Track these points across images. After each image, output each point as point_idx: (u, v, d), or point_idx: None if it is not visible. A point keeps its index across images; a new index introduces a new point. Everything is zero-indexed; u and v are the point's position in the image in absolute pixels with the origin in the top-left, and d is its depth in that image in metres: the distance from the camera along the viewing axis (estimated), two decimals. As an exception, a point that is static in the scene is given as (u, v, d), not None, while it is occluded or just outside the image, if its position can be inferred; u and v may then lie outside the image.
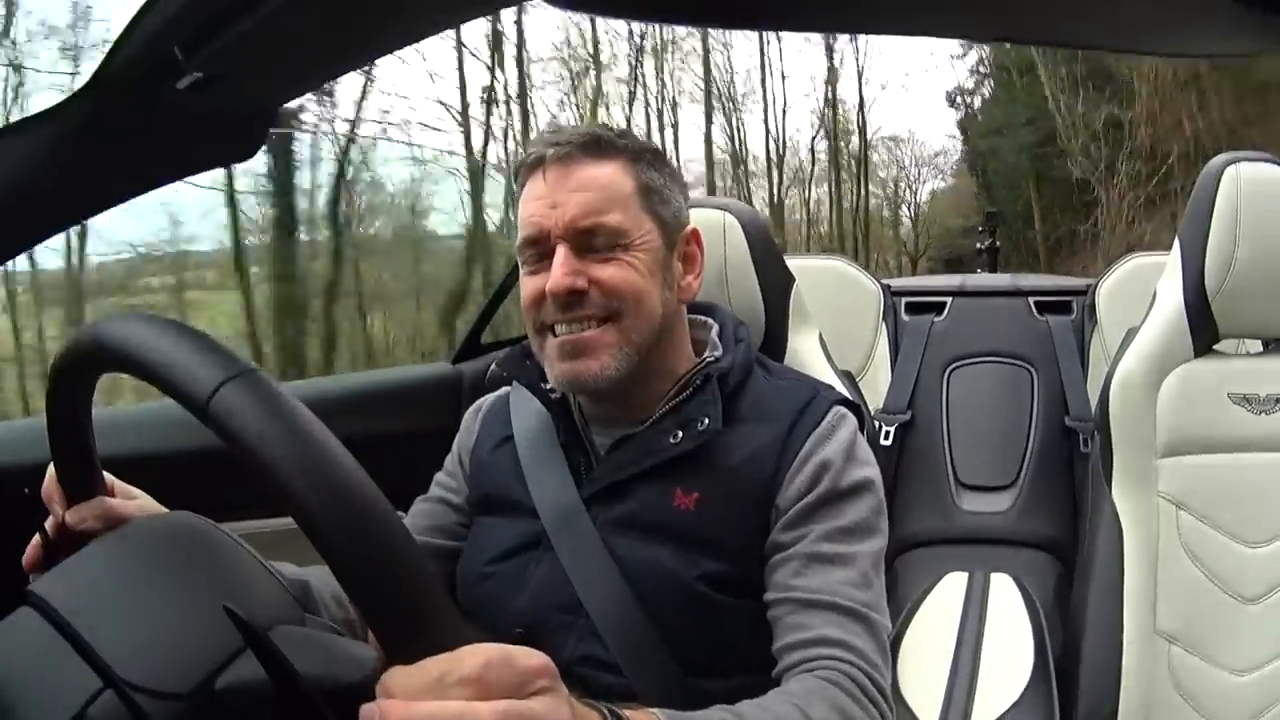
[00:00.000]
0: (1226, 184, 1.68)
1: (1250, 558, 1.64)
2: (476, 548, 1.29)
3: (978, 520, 2.56)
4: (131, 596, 0.76)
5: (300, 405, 0.65)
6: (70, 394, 0.84)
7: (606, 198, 1.20)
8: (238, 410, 0.63)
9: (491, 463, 1.33)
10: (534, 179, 1.23)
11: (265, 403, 0.64)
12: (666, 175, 1.27)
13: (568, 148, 1.21)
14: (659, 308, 1.22)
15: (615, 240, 1.19)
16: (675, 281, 1.26)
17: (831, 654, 1.08)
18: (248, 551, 0.84)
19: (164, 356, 0.68)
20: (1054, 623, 1.88)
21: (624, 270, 1.19)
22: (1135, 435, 1.70)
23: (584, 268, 1.18)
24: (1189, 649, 1.64)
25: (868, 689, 1.07)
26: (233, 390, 0.64)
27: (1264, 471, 1.66)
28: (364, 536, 0.61)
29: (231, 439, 0.63)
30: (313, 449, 0.63)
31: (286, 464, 0.62)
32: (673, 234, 1.26)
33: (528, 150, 1.26)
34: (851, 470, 1.20)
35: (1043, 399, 2.71)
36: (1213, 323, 1.70)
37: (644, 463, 1.20)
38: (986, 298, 2.97)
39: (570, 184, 1.20)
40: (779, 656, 1.12)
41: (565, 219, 1.18)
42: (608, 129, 1.25)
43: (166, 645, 0.72)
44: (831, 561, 1.14)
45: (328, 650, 0.75)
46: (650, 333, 1.21)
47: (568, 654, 1.14)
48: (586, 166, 1.21)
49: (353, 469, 0.63)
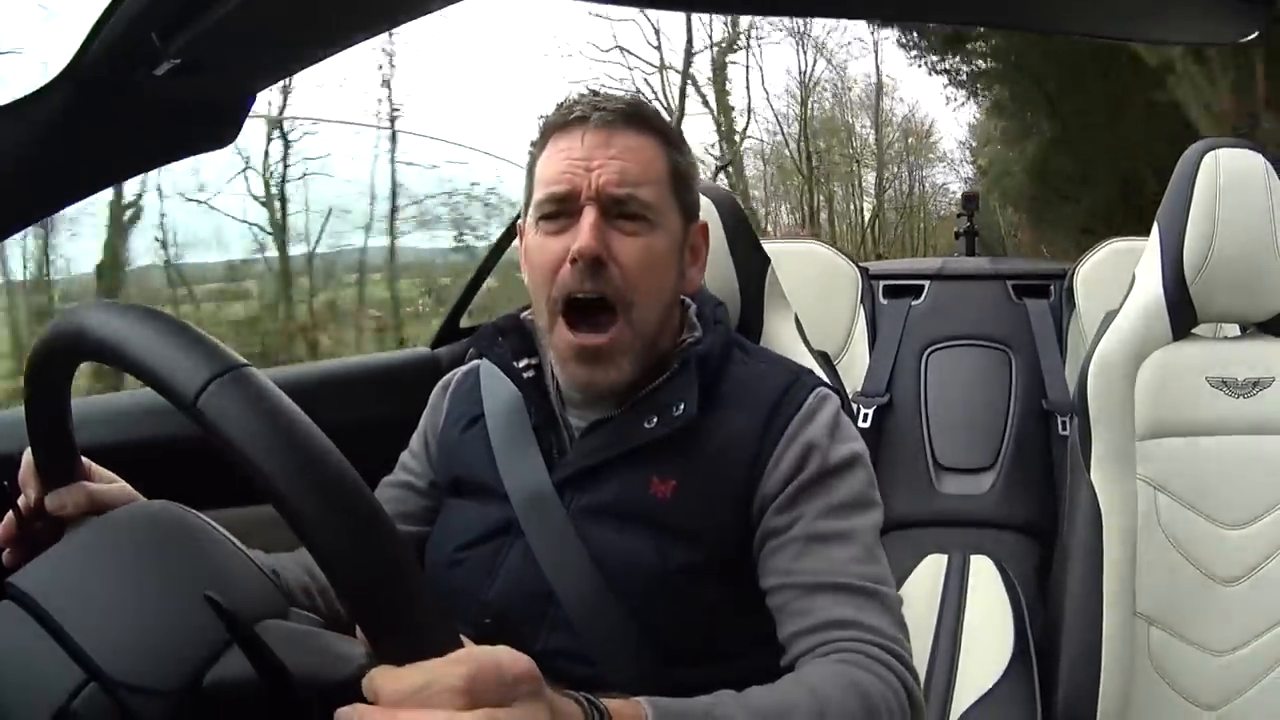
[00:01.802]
0: (1205, 170, 1.68)
1: (1229, 540, 1.66)
2: (446, 531, 1.26)
3: (957, 503, 2.58)
4: (114, 589, 0.75)
5: (290, 404, 0.64)
6: (50, 382, 0.83)
7: (644, 170, 1.17)
8: (227, 410, 0.62)
9: (462, 443, 1.29)
10: (568, 136, 1.18)
11: (254, 402, 0.63)
12: (691, 164, 1.25)
13: (613, 115, 1.17)
14: (668, 297, 1.20)
15: (644, 214, 1.16)
16: (683, 271, 1.24)
17: (844, 635, 1.05)
18: (230, 541, 0.83)
19: (151, 350, 0.67)
20: (1034, 605, 1.90)
21: (646, 251, 1.16)
22: (1114, 418, 1.71)
23: (610, 237, 1.15)
24: (1168, 630, 1.66)
25: (889, 662, 1.03)
26: (221, 388, 0.63)
27: (1242, 454, 1.68)
28: (356, 539, 0.61)
29: (220, 438, 0.62)
30: (304, 450, 0.62)
31: (278, 466, 0.61)
32: (689, 223, 1.24)
33: (562, 108, 1.21)
34: (838, 447, 1.17)
35: (1021, 382, 2.73)
36: (1191, 307, 1.71)
37: (618, 448, 1.17)
38: (965, 281, 2.98)
39: (610, 149, 1.16)
40: (787, 645, 1.09)
41: (600, 181, 1.14)
42: (648, 105, 1.23)
43: (153, 640, 0.71)
44: (830, 540, 1.11)
45: (316, 646, 0.74)
46: (656, 323, 1.18)
47: (539, 645, 1.11)
48: (628, 135, 1.17)
49: (345, 471, 0.63)
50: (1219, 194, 1.67)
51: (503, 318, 1.31)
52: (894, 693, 1.02)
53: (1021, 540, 2.45)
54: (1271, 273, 1.67)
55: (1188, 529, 1.67)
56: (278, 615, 0.78)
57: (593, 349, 1.15)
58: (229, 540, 0.83)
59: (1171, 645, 1.66)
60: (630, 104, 1.19)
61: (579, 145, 1.16)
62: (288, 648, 0.70)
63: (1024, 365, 2.74)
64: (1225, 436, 1.69)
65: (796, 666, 1.05)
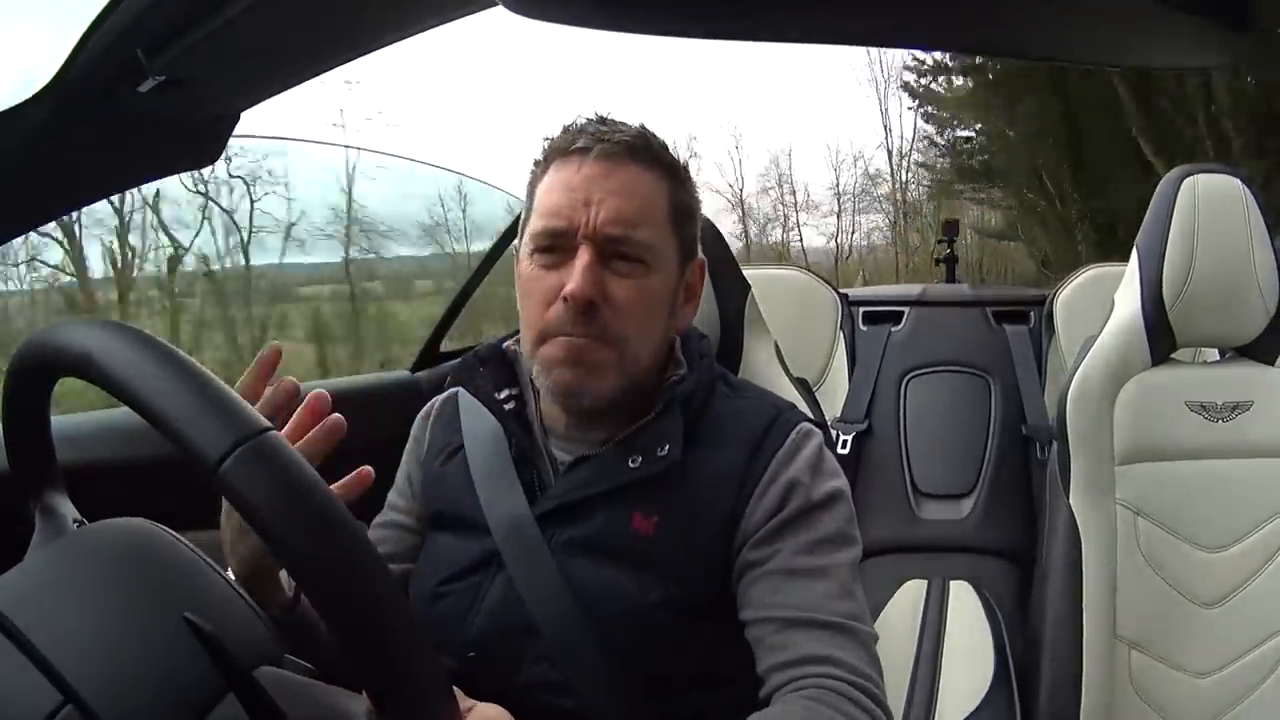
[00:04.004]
0: (1184, 195, 1.70)
1: (1208, 562, 1.67)
2: (430, 565, 1.24)
3: (937, 528, 2.58)
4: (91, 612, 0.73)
5: (309, 472, 0.65)
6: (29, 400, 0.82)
7: (642, 209, 1.13)
8: (251, 479, 0.63)
9: (443, 475, 1.27)
10: (567, 165, 1.14)
11: (274, 470, 0.64)
12: (695, 198, 1.22)
13: (617, 146, 1.13)
14: (659, 336, 1.18)
15: (640, 256, 1.12)
16: (677, 310, 1.21)
17: (818, 671, 1.05)
18: (220, 575, 0.81)
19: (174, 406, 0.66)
20: (1014, 629, 1.90)
21: (640, 293, 1.13)
22: (1093, 443, 1.72)
23: (603, 278, 1.11)
24: (1149, 653, 1.67)
25: (861, 701, 1.03)
26: (246, 457, 0.63)
27: (1221, 478, 1.69)
28: (370, 616, 0.64)
29: (242, 506, 0.63)
30: (321, 522, 0.64)
31: (296, 534, 0.63)
32: (687, 261, 1.21)
33: (567, 133, 1.17)
34: (820, 483, 1.16)
35: (1000, 408, 2.74)
36: (1170, 332, 1.73)
37: (602, 485, 1.15)
38: (944, 307, 2.99)
39: (610, 184, 1.12)
40: (765, 678, 1.08)
41: (598, 220, 1.10)
42: (655, 136, 1.18)
43: (149, 686, 0.70)
44: (809, 575, 1.11)
45: (317, 700, 0.75)
46: (646, 363, 1.17)
47: (522, 677, 1.10)
48: (630, 170, 1.13)
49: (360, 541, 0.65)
50: (1197, 219, 1.68)
51: (484, 347, 1.28)
52: None
53: (1001, 565, 2.45)
54: (1250, 297, 1.69)
55: (1167, 552, 1.68)
56: (274, 663, 0.77)
57: (580, 350, 1.11)
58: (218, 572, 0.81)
59: (1152, 668, 1.66)
60: (635, 135, 1.15)
61: (578, 175, 1.13)
62: (289, 699, 0.70)
63: (1003, 391, 2.75)
64: (1204, 460, 1.70)
65: (773, 700, 1.05)
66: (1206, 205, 1.68)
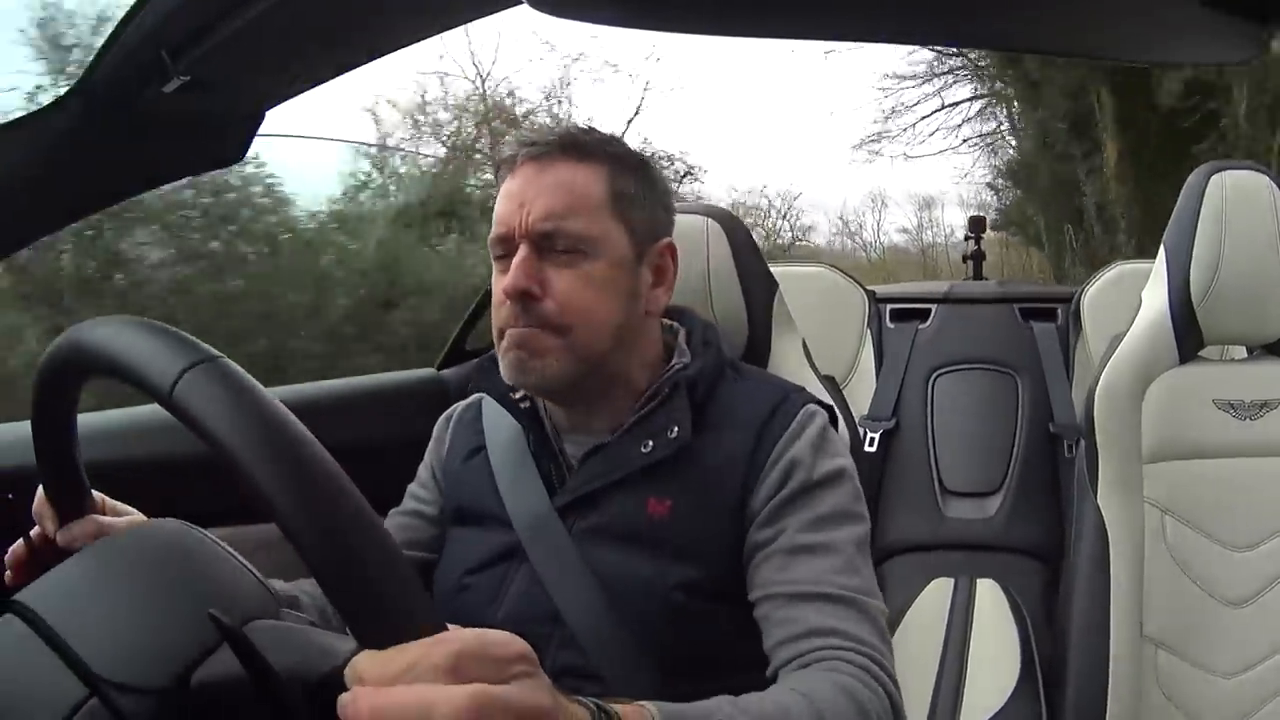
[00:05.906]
0: (1212, 191, 1.69)
1: (1236, 562, 1.65)
2: (452, 560, 1.28)
3: (963, 527, 2.56)
4: (109, 598, 0.75)
5: (263, 391, 0.64)
6: (54, 404, 0.83)
7: (572, 202, 1.18)
8: (200, 397, 0.63)
9: (464, 473, 1.32)
10: (511, 175, 1.21)
11: (228, 388, 0.64)
12: (645, 185, 1.25)
13: (544, 147, 1.20)
14: (616, 319, 1.20)
15: (575, 246, 1.17)
16: (642, 293, 1.24)
17: (826, 643, 1.06)
18: (222, 547, 0.83)
19: (128, 349, 0.68)
20: (1040, 629, 1.88)
21: (580, 281, 1.17)
22: (1121, 441, 1.71)
23: (542, 271, 1.17)
24: (1176, 653, 1.65)
25: (872, 670, 1.05)
26: (195, 377, 0.64)
27: (1249, 476, 1.67)
28: (332, 520, 0.61)
29: (194, 425, 0.63)
30: (278, 432, 0.62)
31: (252, 449, 0.61)
32: (643, 244, 1.24)
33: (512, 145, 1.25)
34: (822, 462, 1.19)
35: (1027, 405, 2.72)
36: (1197, 329, 1.71)
37: (615, 473, 1.19)
38: (971, 305, 2.97)
39: (540, 184, 1.18)
40: (771, 655, 1.10)
41: (530, 220, 1.17)
42: (592, 131, 1.24)
43: (142, 641, 0.71)
44: (813, 551, 1.13)
45: (304, 642, 0.74)
46: (602, 346, 1.19)
47: (547, 665, 1.10)
48: (560, 167, 1.19)
49: (319, 453, 0.63)
50: (1226, 216, 1.67)
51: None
52: (879, 699, 1.03)
53: (1028, 563, 2.43)
54: (1277, 294, 1.67)
55: (1195, 551, 1.67)
56: (269, 617, 0.78)
57: (520, 337, 1.17)
58: (220, 545, 0.83)
59: (1179, 667, 1.65)
60: (565, 134, 1.21)
61: (515, 183, 1.20)
62: (276, 645, 0.70)
63: (1031, 389, 2.73)
64: (1232, 459, 1.68)
65: (780, 675, 1.07)
66: (1234, 202, 1.67)
